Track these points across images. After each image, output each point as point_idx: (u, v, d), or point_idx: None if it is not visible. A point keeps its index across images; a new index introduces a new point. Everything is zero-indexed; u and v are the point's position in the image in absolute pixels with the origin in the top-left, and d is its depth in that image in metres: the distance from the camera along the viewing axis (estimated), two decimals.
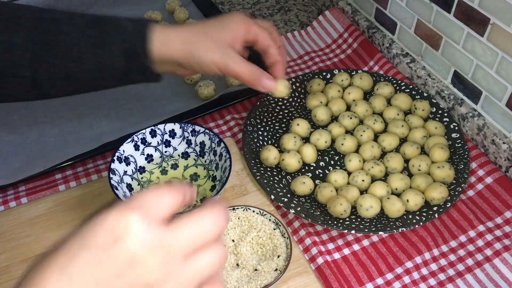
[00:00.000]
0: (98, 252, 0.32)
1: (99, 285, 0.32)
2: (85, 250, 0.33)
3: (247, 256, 0.60)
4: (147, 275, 0.33)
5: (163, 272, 0.33)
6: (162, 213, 0.35)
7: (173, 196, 0.36)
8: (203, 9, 1.00)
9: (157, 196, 0.35)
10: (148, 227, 0.33)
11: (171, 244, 0.34)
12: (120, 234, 0.32)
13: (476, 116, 0.76)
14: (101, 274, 0.32)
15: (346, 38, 0.93)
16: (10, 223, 0.67)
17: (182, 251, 0.34)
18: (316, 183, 0.71)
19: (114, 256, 0.32)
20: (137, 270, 0.33)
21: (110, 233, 0.33)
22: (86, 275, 0.32)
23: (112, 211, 0.33)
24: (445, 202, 0.66)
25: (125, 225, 0.33)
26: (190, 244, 0.35)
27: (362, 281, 0.61)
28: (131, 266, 0.33)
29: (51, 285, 0.32)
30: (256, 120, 0.77)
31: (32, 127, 0.77)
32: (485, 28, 0.70)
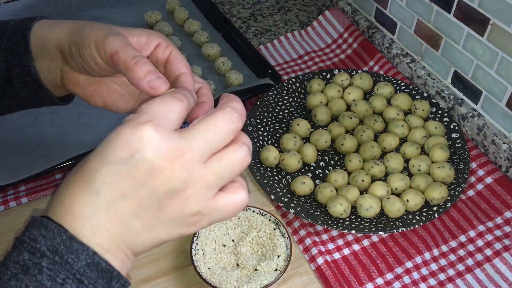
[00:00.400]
0: (118, 166, 0.34)
1: (125, 196, 0.34)
2: (106, 165, 0.34)
3: (247, 256, 0.60)
4: (168, 182, 0.34)
5: (184, 178, 0.34)
6: (172, 122, 0.36)
7: (179, 104, 0.37)
8: (203, 9, 1.00)
9: (165, 106, 0.36)
10: (162, 136, 0.34)
11: (187, 150, 0.34)
12: (136, 147, 0.34)
13: (476, 116, 0.76)
14: (125, 185, 0.34)
15: (346, 38, 0.93)
16: (10, 223, 0.67)
17: (200, 155, 0.35)
18: (316, 183, 0.71)
19: (134, 167, 0.34)
20: (158, 178, 0.34)
21: (127, 147, 0.34)
22: (111, 188, 0.34)
23: (125, 126, 0.35)
24: (445, 202, 0.66)
25: (140, 137, 0.34)
26: (206, 147, 0.35)
27: (362, 281, 0.61)
28: (151, 175, 0.34)
29: (79, 201, 0.34)
30: (256, 120, 0.77)
31: (32, 127, 0.77)
32: (485, 28, 0.70)
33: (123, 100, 0.53)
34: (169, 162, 0.34)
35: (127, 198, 0.35)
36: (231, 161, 0.36)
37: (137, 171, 0.34)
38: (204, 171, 0.35)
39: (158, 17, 0.96)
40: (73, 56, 0.48)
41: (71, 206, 0.35)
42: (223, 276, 0.57)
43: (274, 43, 0.95)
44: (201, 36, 0.91)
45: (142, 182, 0.34)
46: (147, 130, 0.34)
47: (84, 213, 0.35)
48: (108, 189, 0.35)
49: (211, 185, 0.36)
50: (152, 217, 0.35)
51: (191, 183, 0.35)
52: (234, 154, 0.36)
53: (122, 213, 0.35)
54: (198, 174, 0.35)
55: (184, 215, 0.36)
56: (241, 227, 0.62)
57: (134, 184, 0.34)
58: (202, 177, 0.35)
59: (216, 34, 0.94)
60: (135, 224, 0.35)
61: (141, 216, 0.35)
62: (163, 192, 0.35)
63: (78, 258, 0.34)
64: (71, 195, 0.35)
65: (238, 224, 0.62)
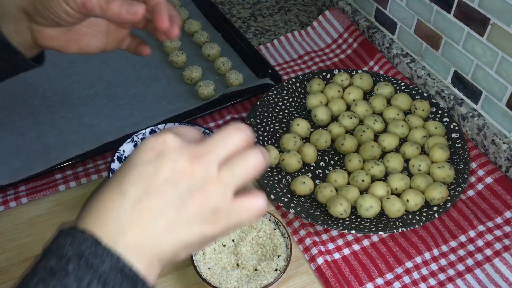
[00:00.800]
0: (144, 167, 0.37)
1: (150, 193, 0.37)
2: (133, 168, 0.38)
3: (247, 256, 0.60)
4: (189, 179, 0.37)
5: (202, 175, 0.37)
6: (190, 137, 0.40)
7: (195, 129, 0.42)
8: (203, 9, 1.00)
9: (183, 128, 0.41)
10: (182, 141, 0.38)
11: (205, 152, 0.38)
12: (160, 148, 0.37)
13: (476, 116, 0.76)
14: (150, 183, 0.37)
15: (346, 38, 0.93)
16: (10, 223, 0.67)
17: (216, 157, 0.38)
18: (316, 183, 0.71)
19: (158, 167, 0.37)
20: (180, 176, 0.37)
21: (152, 150, 0.38)
22: (137, 188, 0.37)
23: (150, 137, 0.39)
24: (445, 202, 0.66)
25: (163, 141, 0.38)
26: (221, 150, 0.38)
27: (362, 281, 0.61)
28: (174, 173, 0.37)
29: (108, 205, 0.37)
30: (256, 120, 0.77)
31: (32, 127, 0.77)
32: (485, 28, 0.70)
33: (95, 40, 0.57)
34: (190, 161, 0.37)
35: (151, 195, 0.37)
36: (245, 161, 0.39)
37: (161, 169, 0.37)
38: (221, 171, 0.38)
39: None
40: (40, 13, 0.52)
41: (100, 211, 0.37)
42: (223, 276, 0.57)
43: (274, 43, 0.95)
44: (201, 36, 0.91)
45: (166, 180, 0.37)
46: (169, 135, 0.38)
47: (112, 215, 0.37)
48: (134, 189, 0.37)
49: (227, 184, 0.38)
50: (174, 214, 0.37)
51: (209, 181, 0.37)
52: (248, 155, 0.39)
53: (147, 210, 0.37)
54: (215, 173, 0.38)
55: (204, 212, 0.38)
56: (241, 227, 0.62)
57: (158, 182, 0.37)
58: (219, 176, 0.38)
59: (216, 34, 0.94)
60: (159, 222, 0.37)
61: (164, 213, 0.37)
62: (184, 189, 0.37)
63: (103, 262, 0.35)
64: (100, 202, 0.37)
65: None
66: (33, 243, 0.65)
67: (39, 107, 0.80)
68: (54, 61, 0.88)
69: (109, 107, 0.81)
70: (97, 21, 0.57)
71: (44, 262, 0.36)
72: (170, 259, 0.38)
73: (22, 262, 0.62)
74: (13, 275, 0.61)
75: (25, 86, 0.84)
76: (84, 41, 0.57)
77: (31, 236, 0.65)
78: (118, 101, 0.82)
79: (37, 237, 0.65)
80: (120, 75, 0.86)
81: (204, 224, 0.38)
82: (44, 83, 0.84)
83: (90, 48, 0.58)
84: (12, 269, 0.62)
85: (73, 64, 0.88)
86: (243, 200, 0.39)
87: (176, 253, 0.38)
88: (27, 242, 0.65)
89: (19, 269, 0.62)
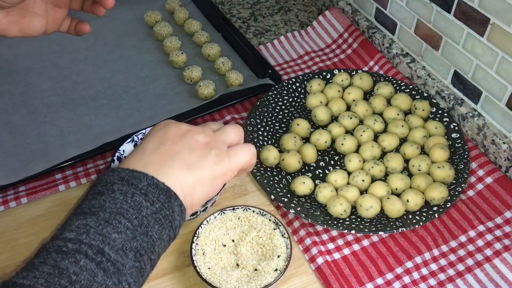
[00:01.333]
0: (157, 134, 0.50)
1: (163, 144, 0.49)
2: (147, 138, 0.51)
3: (247, 256, 0.60)
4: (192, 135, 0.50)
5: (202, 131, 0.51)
6: None
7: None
8: (203, 9, 1.00)
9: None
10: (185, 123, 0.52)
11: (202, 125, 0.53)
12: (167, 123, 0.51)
13: (476, 116, 0.76)
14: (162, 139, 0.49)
15: (346, 38, 0.93)
16: (10, 223, 0.67)
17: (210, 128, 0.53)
18: (316, 183, 0.71)
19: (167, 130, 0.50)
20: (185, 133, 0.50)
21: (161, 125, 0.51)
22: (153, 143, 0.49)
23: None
24: (445, 202, 0.66)
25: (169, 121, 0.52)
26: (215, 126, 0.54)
27: (362, 281, 0.61)
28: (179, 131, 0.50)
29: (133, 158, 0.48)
30: (256, 120, 0.77)
31: (32, 127, 0.77)
32: (485, 28, 0.70)
33: (35, 21, 0.58)
34: (189, 126, 0.51)
35: (166, 144, 0.49)
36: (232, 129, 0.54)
37: (169, 130, 0.50)
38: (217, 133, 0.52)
39: (158, 17, 0.96)
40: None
41: (128, 160, 0.48)
42: (223, 276, 0.57)
43: (274, 43, 0.95)
44: (201, 36, 0.91)
45: (174, 135, 0.50)
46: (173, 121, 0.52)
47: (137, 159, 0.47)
48: (151, 143, 0.49)
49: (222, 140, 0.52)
50: (187, 156, 0.48)
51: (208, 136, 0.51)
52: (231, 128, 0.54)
53: (164, 153, 0.48)
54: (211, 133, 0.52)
55: (209, 154, 0.49)
56: (241, 227, 0.62)
57: (170, 136, 0.49)
58: (215, 135, 0.52)
59: (216, 34, 0.94)
60: (176, 161, 0.47)
61: (178, 155, 0.48)
62: (191, 140, 0.49)
63: (141, 180, 0.44)
64: (126, 159, 0.49)
65: (238, 224, 0.62)
66: (33, 243, 0.64)
67: (39, 107, 0.80)
68: (54, 61, 0.89)
69: (109, 107, 0.81)
70: (35, 1, 0.58)
71: (92, 190, 0.45)
72: (189, 191, 0.47)
73: (22, 262, 0.62)
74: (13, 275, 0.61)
75: (25, 86, 0.84)
76: (25, 23, 0.58)
77: (31, 236, 0.65)
78: (118, 101, 0.82)
79: (37, 237, 0.65)
80: (120, 75, 0.86)
81: (211, 163, 0.49)
82: (44, 83, 0.84)
83: (31, 30, 0.59)
84: (12, 269, 0.62)
85: (73, 64, 0.88)
86: (237, 146, 0.53)
87: (194, 183, 0.47)
88: (27, 242, 0.65)
89: None
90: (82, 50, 0.91)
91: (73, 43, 0.91)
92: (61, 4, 0.60)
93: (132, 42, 0.93)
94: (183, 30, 0.95)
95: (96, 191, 0.44)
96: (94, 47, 0.91)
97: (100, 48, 0.91)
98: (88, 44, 0.91)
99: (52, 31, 0.61)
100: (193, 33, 0.93)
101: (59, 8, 0.60)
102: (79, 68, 0.87)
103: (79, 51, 0.90)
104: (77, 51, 0.90)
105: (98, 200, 0.43)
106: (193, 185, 0.47)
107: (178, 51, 0.88)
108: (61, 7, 0.60)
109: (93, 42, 0.92)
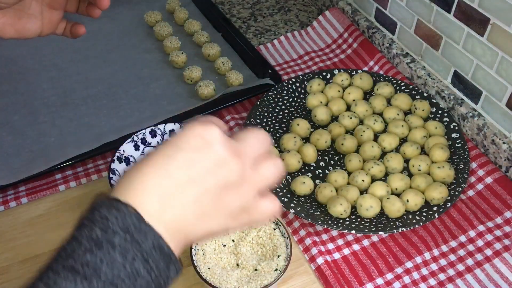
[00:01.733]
0: (192, 153, 0.39)
1: (194, 181, 0.39)
2: (180, 152, 0.39)
3: (247, 256, 0.60)
4: (229, 174, 0.40)
5: (240, 173, 0.40)
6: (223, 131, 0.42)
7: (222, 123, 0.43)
8: (203, 9, 1.00)
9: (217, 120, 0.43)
10: (226, 137, 0.40)
11: (243, 152, 0.41)
12: (208, 139, 0.40)
13: (476, 116, 0.76)
14: (195, 171, 0.39)
15: (346, 38, 0.93)
16: (10, 223, 0.67)
17: (250, 159, 0.41)
18: (316, 183, 0.71)
19: (206, 156, 0.39)
20: (222, 169, 0.40)
21: (200, 138, 0.40)
22: (183, 172, 0.39)
23: (197, 123, 0.40)
24: (445, 202, 0.66)
25: (211, 133, 0.40)
26: (254, 152, 0.42)
27: (362, 281, 0.61)
28: (218, 165, 0.39)
29: (153, 182, 0.38)
30: (256, 120, 0.77)
31: (32, 127, 0.77)
32: (485, 28, 0.70)
33: (30, 23, 0.58)
34: (231, 157, 0.40)
35: (195, 183, 0.39)
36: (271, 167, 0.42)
37: (207, 160, 0.39)
38: (253, 172, 0.41)
39: (158, 17, 0.96)
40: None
41: (144, 187, 0.39)
42: (223, 276, 0.57)
43: (274, 43, 0.95)
44: (201, 36, 0.91)
45: (210, 170, 0.39)
46: (216, 129, 0.40)
47: (155, 194, 0.38)
48: (180, 173, 0.39)
49: (255, 184, 0.41)
50: (209, 204, 0.40)
51: (243, 179, 0.40)
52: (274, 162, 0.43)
53: (188, 195, 0.39)
54: (248, 173, 0.41)
55: (233, 208, 0.41)
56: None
57: (203, 171, 0.39)
58: (252, 176, 0.41)
59: (216, 34, 0.94)
60: (195, 208, 0.39)
61: (201, 201, 0.39)
62: (222, 182, 0.40)
63: (146, 239, 0.37)
64: (143, 178, 0.39)
65: None
66: (33, 243, 0.65)
67: (39, 107, 0.80)
68: (54, 61, 0.89)
69: (109, 107, 0.81)
70: (31, 3, 0.58)
71: (87, 231, 0.37)
72: (193, 242, 0.42)
73: (22, 262, 0.62)
74: (13, 275, 0.61)
75: (25, 86, 0.84)
76: (20, 25, 0.58)
77: (31, 236, 0.65)
78: (118, 101, 0.82)
79: (37, 237, 0.65)
80: (120, 75, 0.86)
81: (229, 219, 0.41)
82: (44, 83, 0.84)
83: (26, 31, 0.59)
84: (12, 269, 0.62)
85: (73, 64, 0.88)
86: (264, 201, 0.42)
87: (200, 238, 0.41)
88: (27, 242, 0.65)
89: (19, 269, 0.62)
90: (82, 50, 0.91)
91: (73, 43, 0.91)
92: (56, 6, 0.60)
93: (132, 42, 0.93)
94: (183, 30, 0.95)
95: (94, 235, 0.37)
96: (94, 47, 0.91)
97: (100, 48, 0.91)
98: (88, 44, 0.91)
99: (47, 33, 0.61)
100: (193, 33, 0.93)
101: (54, 10, 0.60)
102: (79, 68, 0.87)
103: (79, 51, 0.90)
104: (77, 51, 0.90)
105: (94, 256, 0.36)
106: (199, 238, 0.41)
107: (178, 51, 0.88)
108: (57, 9, 0.60)
109: (93, 42, 0.92)
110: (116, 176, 0.64)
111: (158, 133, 0.69)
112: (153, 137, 0.69)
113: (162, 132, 0.69)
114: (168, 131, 0.69)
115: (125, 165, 0.66)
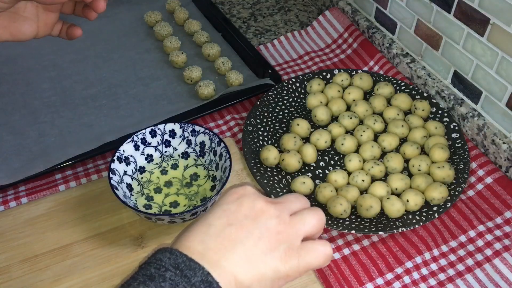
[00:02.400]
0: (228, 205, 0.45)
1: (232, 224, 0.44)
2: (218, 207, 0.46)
3: None
4: (266, 218, 0.44)
5: (277, 217, 0.45)
6: None
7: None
8: (203, 9, 1.00)
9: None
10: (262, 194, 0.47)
11: (279, 202, 0.47)
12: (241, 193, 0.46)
13: (476, 116, 0.76)
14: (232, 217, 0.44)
15: (346, 38, 0.93)
16: (10, 223, 0.67)
17: (288, 208, 0.46)
18: (316, 183, 0.71)
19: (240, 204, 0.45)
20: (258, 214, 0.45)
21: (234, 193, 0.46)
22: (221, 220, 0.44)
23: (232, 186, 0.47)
24: (445, 202, 0.66)
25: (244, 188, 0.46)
26: (292, 206, 0.47)
27: (362, 281, 0.61)
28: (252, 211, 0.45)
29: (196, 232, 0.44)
30: (256, 120, 0.77)
31: (32, 127, 0.77)
32: (485, 28, 0.70)
33: (26, 25, 0.58)
34: (266, 204, 0.46)
35: (233, 226, 0.44)
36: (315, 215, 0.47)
37: (242, 207, 0.45)
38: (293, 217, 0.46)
39: (158, 17, 0.96)
40: None
41: (189, 238, 0.43)
42: None
43: (274, 43, 0.95)
44: (201, 36, 0.91)
45: (246, 216, 0.44)
46: (250, 187, 0.47)
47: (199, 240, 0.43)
48: (219, 221, 0.44)
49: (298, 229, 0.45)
50: (252, 246, 0.43)
51: (283, 223, 0.45)
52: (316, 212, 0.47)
53: (229, 238, 0.43)
54: (287, 218, 0.45)
55: (278, 248, 0.44)
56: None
57: (240, 216, 0.44)
58: (291, 221, 0.46)
59: (216, 34, 0.94)
60: (238, 250, 0.43)
61: (243, 243, 0.43)
62: (262, 225, 0.44)
63: (195, 274, 0.40)
64: (189, 232, 0.44)
65: None
66: (33, 243, 0.64)
67: (39, 107, 0.80)
68: (54, 61, 0.89)
69: (109, 107, 0.81)
70: (26, 5, 0.57)
71: (144, 271, 0.41)
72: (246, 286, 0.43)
73: (22, 262, 0.62)
74: (13, 275, 0.61)
75: (25, 86, 0.84)
76: (15, 27, 0.58)
77: (31, 236, 0.65)
78: (118, 101, 0.82)
79: (37, 237, 0.65)
80: (120, 75, 0.86)
81: (277, 260, 0.43)
82: (44, 83, 0.84)
83: (21, 34, 0.58)
84: (12, 269, 0.62)
85: (73, 64, 0.88)
86: (312, 243, 0.46)
87: (251, 282, 0.43)
88: (27, 242, 0.65)
89: (19, 269, 0.62)
90: (82, 50, 0.91)
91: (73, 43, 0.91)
92: (52, 8, 0.59)
93: (132, 42, 0.93)
94: (183, 30, 0.95)
95: (148, 273, 0.40)
96: (94, 47, 0.91)
97: (100, 48, 0.91)
98: (88, 44, 0.91)
99: (43, 35, 0.60)
100: (193, 33, 0.93)
101: (50, 12, 0.59)
102: (79, 68, 0.87)
103: (79, 51, 0.90)
104: (77, 51, 0.90)
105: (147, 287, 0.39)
106: (249, 283, 0.43)
107: (178, 51, 0.88)
108: (52, 11, 0.59)
109: (93, 42, 0.92)
110: (116, 176, 0.64)
111: (158, 133, 0.69)
112: (153, 137, 0.69)
113: (162, 132, 0.69)
114: (168, 131, 0.69)
115: (125, 165, 0.66)
